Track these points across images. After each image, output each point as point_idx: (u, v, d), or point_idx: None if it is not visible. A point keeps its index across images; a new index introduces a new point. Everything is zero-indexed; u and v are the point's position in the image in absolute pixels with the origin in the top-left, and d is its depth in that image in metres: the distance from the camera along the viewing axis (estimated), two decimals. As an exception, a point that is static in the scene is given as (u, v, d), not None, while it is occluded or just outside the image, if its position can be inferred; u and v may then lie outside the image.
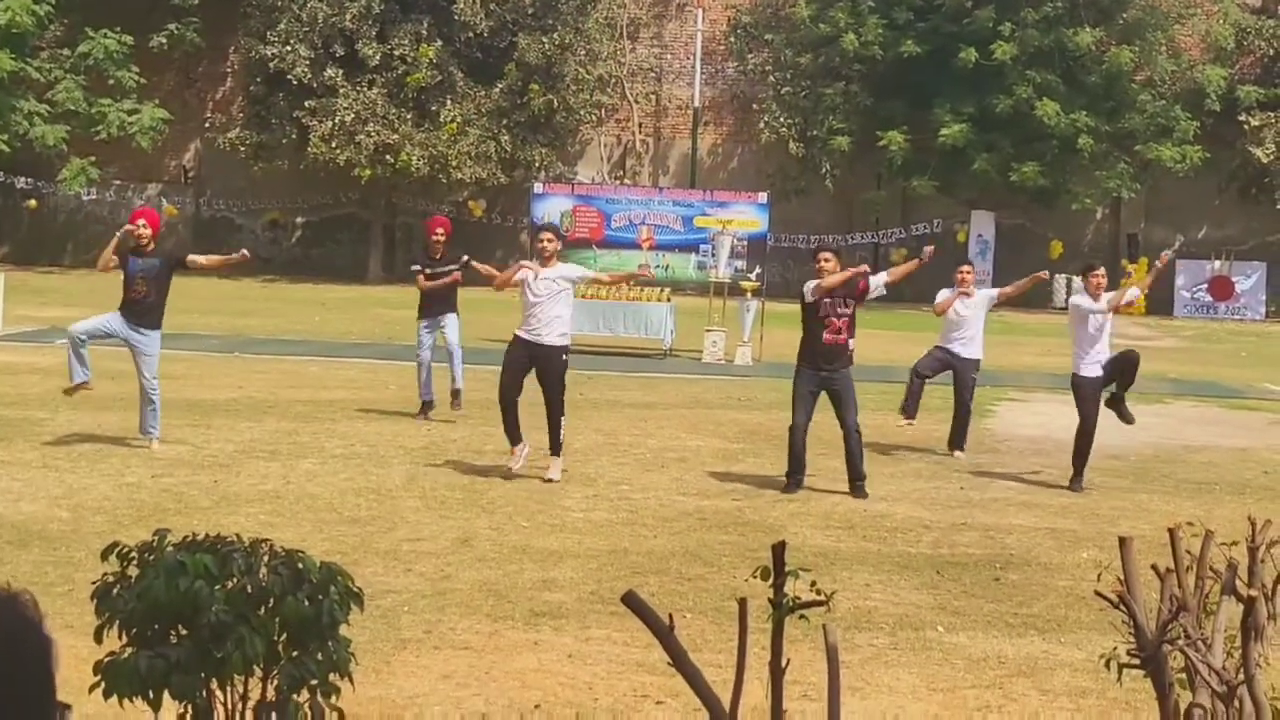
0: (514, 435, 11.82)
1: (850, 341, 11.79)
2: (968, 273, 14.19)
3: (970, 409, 14.03)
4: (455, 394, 15.00)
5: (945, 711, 6.70)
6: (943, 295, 14.15)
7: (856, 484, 11.63)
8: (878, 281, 12.07)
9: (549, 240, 12.05)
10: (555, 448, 11.78)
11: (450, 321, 15.13)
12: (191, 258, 13.12)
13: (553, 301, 11.78)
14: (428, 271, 15.09)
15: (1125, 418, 12.89)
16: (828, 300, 11.58)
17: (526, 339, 11.77)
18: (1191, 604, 4.12)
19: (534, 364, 11.76)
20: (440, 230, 15.35)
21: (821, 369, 11.63)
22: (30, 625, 2.14)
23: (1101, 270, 13.72)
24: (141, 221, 12.66)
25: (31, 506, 10.12)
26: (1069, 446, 14.05)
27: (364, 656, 5.00)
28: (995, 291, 14.71)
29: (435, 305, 15.16)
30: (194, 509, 10.17)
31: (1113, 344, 12.93)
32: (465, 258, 15.05)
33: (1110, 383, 12.70)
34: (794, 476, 11.73)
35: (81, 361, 12.61)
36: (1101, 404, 12.72)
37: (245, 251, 13.37)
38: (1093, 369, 12.57)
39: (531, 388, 11.98)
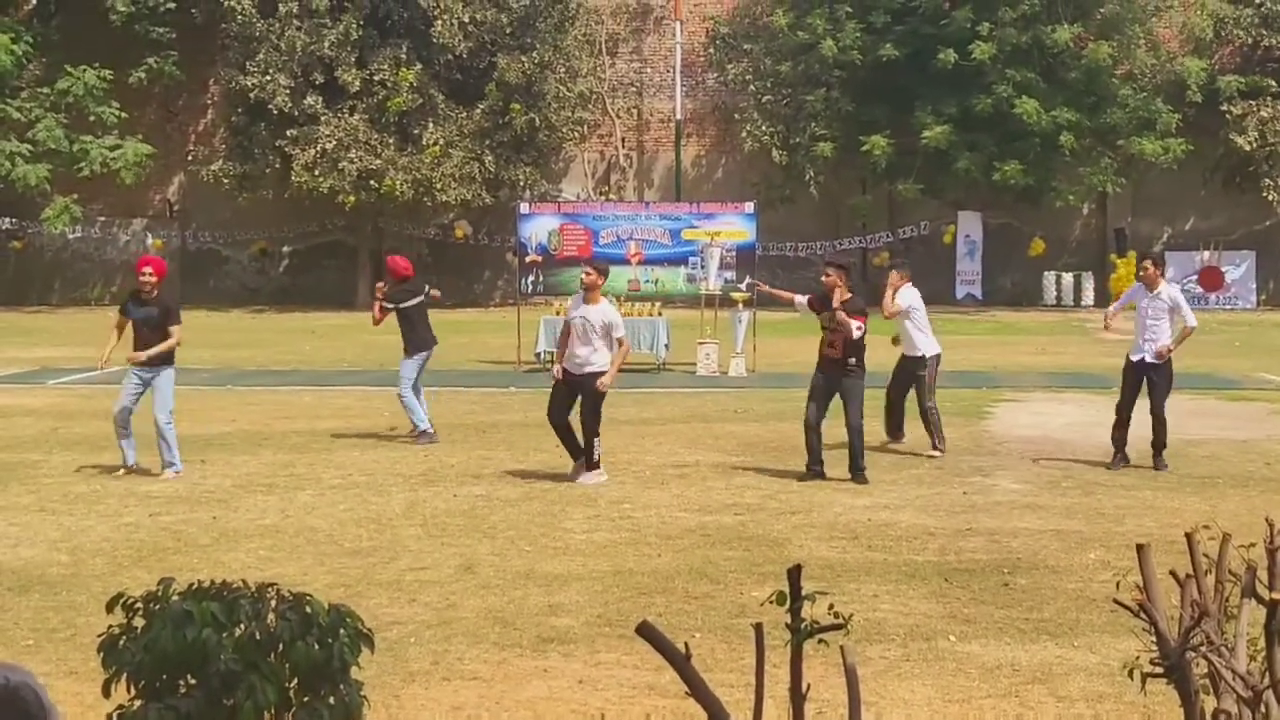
0: (574, 452, 12.83)
1: (850, 360, 12.64)
2: (898, 277, 14.53)
3: (926, 406, 14.09)
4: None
5: (962, 723, 6.64)
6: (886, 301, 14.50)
7: (854, 471, 12.60)
8: (800, 300, 13.46)
9: (586, 274, 13.08)
10: (581, 456, 12.76)
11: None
12: (176, 329, 12.90)
13: (591, 337, 12.73)
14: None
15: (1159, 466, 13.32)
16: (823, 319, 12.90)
17: (571, 373, 12.83)
18: (1212, 608, 4.06)
19: (576, 391, 12.82)
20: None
21: (823, 371, 12.89)
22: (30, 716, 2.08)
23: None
24: (148, 270, 13.00)
25: (30, 551, 10.04)
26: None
27: (372, 691, 4.91)
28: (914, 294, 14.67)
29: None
30: (194, 547, 10.10)
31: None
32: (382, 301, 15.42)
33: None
34: (810, 467, 12.75)
35: (127, 442, 12.91)
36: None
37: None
38: (1135, 353, 13.70)
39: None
